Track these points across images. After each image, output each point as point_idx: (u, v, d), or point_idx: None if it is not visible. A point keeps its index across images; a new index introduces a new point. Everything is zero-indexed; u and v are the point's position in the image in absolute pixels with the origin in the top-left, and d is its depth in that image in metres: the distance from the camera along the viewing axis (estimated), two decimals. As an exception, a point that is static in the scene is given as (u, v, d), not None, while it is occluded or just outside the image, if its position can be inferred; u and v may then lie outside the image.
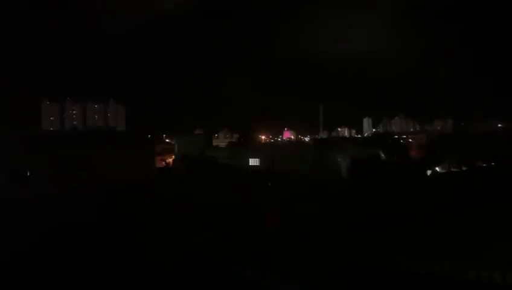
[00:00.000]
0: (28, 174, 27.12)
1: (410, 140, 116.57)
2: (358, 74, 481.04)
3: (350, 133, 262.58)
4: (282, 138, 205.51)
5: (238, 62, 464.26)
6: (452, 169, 50.48)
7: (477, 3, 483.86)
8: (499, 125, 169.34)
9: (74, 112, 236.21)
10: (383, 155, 57.51)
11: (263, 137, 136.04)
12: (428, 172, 45.82)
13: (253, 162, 46.51)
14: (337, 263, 6.87)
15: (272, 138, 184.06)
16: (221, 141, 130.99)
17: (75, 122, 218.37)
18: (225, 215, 13.65)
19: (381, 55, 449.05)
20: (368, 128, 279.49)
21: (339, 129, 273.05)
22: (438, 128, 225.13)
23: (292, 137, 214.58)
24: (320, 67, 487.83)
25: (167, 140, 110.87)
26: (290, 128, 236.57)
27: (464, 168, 46.42)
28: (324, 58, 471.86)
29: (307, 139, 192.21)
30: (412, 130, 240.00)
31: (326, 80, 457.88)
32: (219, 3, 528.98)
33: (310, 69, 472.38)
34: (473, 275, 5.20)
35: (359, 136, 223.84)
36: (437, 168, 55.12)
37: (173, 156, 65.80)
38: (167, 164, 62.29)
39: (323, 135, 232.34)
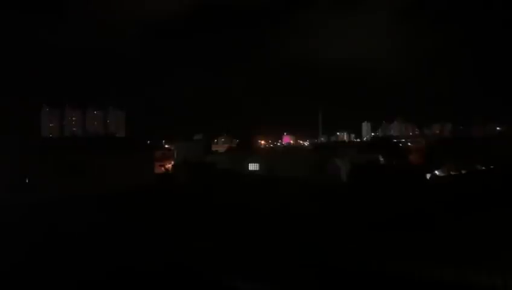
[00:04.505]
0: (27, 180, 27.09)
1: (409, 144, 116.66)
2: (357, 79, 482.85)
3: (349, 138, 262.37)
4: (281, 143, 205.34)
5: (238, 68, 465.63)
6: (451, 173, 50.41)
7: (475, 6, 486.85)
8: (498, 128, 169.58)
9: (74, 118, 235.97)
10: (382, 159, 57.48)
11: (262, 142, 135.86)
12: (428, 176, 45.76)
13: (253, 167, 46.49)
14: (331, 270, 6.84)
15: (271, 143, 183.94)
16: (220, 146, 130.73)
17: (74, 129, 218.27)
18: (222, 221, 13.60)
19: (380, 60, 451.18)
20: (367, 132, 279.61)
21: (338, 133, 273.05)
22: (437, 132, 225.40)
23: (291, 142, 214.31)
24: (320, 72, 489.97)
25: (167, 146, 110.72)
26: (290, 133, 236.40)
27: (463, 172, 46.38)
28: (323, 63, 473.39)
29: (306, 143, 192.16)
30: (411, 134, 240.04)
31: (326, 85, 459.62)
32: (218, 11, 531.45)
33: (309, 74, 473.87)
34: (474, 280, 5.18)
35: (358, 140, 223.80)
36: (436, 172, 55.05)
37: (172, 162, 65.73)
38: (166, 169, 62.15)
39: (322, 139, 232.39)
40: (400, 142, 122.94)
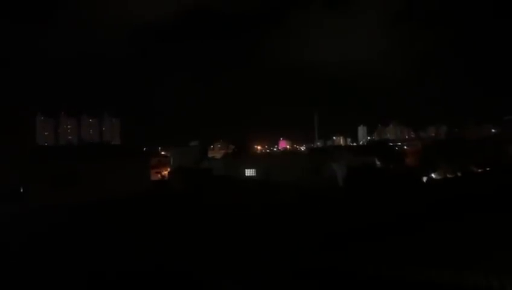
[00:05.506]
0: (22, 189, 26.87)
1: (405, 147, 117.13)
2: (353, 83, 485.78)
3: (345, 142, 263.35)
4: (278, 148, 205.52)
5: (233, 74, 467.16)
6: (448, 175, 50.64)
7: (468, 9, 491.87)
8: (493, 130, 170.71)
9: (69, 126, 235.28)
10: (378, 163, 57.65)
11: (259, 147, 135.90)
12: (424, 179, 45.91)
13: (249, 172, 46.37)
14: (327, 274, 6.79)
15: (267, 148, 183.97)
16: (216, 152, 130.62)
17: (69, 137, 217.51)
18: (214, 225, 13.56)
19: (375, 63, 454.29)
20: (363, 136, 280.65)
21: (334, 138, 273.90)
22: (433, 134, 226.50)
23: (288, 147, 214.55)
24: (315, 77, 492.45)
25: (163, 153, 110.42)
26: (286, 138, 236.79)
27: (458, 174, 46.58)
28: (318, 68, 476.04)
29: (302, 148, 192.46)
30: (406, 137, 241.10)
31: (321, 90, 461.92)
32: (213, 18, 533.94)
33: (305, 79, 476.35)
34: (471, 283, 5.15)
35: (354, 144, 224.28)
36: (433, 175, 55.26)
37: (168, 169, 65.53)
38: (163, 176, 61.96)
39: (319, 143, 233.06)
40: (396, 145, 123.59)
